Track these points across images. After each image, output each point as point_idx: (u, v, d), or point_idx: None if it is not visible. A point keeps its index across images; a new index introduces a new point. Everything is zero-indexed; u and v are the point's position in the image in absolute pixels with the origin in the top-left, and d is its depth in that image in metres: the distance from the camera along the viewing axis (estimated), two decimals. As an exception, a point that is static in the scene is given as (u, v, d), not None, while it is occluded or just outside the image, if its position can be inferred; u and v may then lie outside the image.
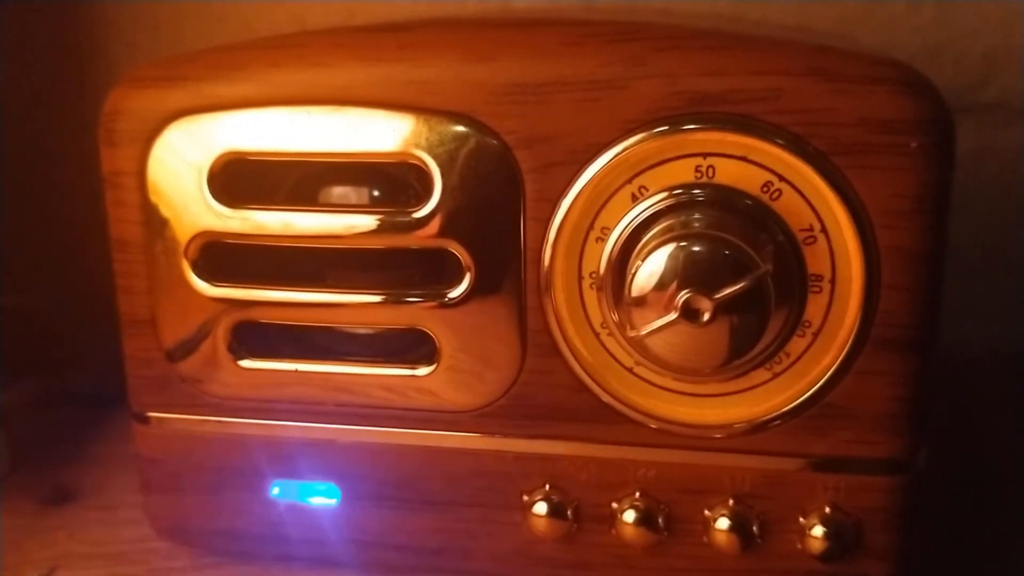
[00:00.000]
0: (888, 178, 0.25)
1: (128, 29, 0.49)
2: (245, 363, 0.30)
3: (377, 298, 0.29)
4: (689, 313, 0.25)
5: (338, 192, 0.30)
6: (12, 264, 0.47)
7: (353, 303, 0.29)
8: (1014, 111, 0.46)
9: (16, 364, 0.41)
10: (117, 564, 0.33)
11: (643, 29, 0.27)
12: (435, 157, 0.27)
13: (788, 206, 0.26)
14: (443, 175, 0.27)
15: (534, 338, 0.28)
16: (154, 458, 0.32)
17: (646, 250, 0.25)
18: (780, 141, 0.25)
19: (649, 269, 0.25)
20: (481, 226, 0.27)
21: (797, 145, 0.25)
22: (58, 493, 0.38)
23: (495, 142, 0.27)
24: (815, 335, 0.27)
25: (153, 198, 0.29)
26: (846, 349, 0.26)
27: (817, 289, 0.26)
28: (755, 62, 0.25)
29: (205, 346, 0.30)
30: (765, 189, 0.26)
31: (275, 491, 0.31)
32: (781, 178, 0.26)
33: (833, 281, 0.26)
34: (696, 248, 0.25)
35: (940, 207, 0.25)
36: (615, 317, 0.27)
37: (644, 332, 0.25)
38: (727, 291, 0.24)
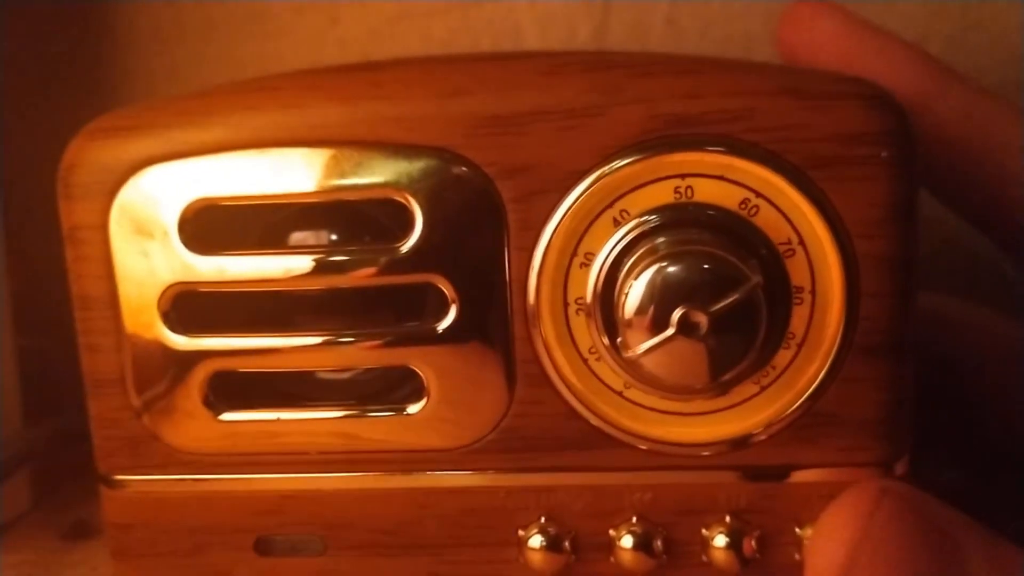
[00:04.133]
0: (862, 188, 0.26)
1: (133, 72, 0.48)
2: (225, 416, 0.29)
3: (360, 338, 0.28)
4: (686, 328, 0.25)
5: (311, 235, 0.29)
6: (32, 305, 0.46)
7: (335, 345, 0.28)
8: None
9: (38, 403, 0.41)
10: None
11: (617, 57, 0.27)
12: (416, 193, 0.27)
13: (767, 221, 0.26)
14: (424, 210, 0.27)
15: (523, 368, 0.28)
16: (126, 523, 0.30)
17: (635, 271, 0.26)
18: (756, 158, 0.26)
19: (640, 290, 0.26)
20: (465, 258, 0.27)
21: (773, 161, 0.26)
22: (79, 529, 0.37)
23: (476, 174, 0.27)
24: (799, 346, 0.27)
25: (119, 250, 0.28)
26: (831, 358, 0.27)
27: (799, 301, 0.27)
28: (728, 84, 0.26)
29: (179, 401, 0.29)
30: (743, 205, 0.26)
31: (259, 548, 0.30)
32: (758, 194, 0.26)
33: (814, 292, 0.27)
34: (685, 265, 0.25)
35: (912, 214, 0.26)
36: (605, 341, 0.27)
37: (641, 351, 0.26)
38: (722, 303, 0.25)
